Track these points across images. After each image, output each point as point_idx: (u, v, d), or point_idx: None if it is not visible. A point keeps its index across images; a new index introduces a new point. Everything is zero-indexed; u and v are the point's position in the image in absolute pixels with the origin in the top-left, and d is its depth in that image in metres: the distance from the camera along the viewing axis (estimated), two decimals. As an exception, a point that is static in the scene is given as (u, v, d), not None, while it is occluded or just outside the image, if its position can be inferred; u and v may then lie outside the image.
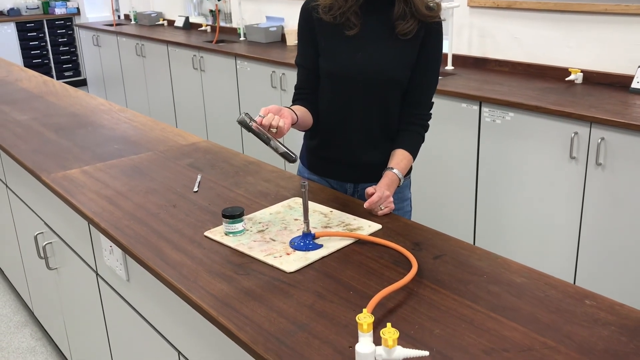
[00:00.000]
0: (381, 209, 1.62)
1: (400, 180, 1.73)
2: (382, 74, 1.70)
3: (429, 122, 1.81)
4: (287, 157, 1.51)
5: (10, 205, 2.69)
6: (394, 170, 1.72)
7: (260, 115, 1.51)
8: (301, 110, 1.75)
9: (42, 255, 2.26)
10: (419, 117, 1.78)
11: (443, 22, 1.75)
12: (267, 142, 1.50)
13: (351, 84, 1.73)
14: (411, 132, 1.78)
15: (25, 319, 3.01)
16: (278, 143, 1.51)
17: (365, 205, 1.59)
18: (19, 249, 2.76)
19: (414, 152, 1.79)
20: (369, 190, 1.62)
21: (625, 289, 2.66)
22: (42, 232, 2.28)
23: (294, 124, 1.65)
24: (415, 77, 1.74)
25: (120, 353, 1.88)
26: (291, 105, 1.79)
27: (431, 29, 1.71)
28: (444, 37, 1.77)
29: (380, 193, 1.60)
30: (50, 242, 2.22)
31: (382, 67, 1.70)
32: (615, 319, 1.14)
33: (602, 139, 2.58)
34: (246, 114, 1.48)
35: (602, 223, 2.68)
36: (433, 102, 1.80)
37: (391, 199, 1.64)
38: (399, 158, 1.74)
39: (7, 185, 2.64)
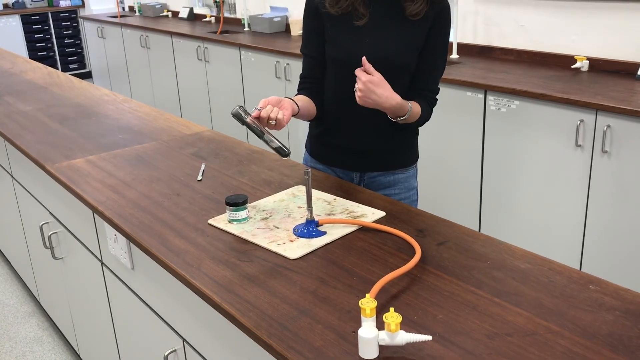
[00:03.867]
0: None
1: (406, 113, 1.65)
2: (390, 60, 1.68)
3: (435, 102, 1.78)
4: (281, 151, 1.51)
5: (15, 196, 2.70)
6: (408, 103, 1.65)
7: (257, 108, 1.49)
8: (303, 100, 1.74)
9: (47, 245, 2.27)
10: (424, 96, 1.74)
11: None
12: (260, 135, 1.49)
13: None
14: (418, 100, 1.73)
15: (32, 309, 3.03)
16: (272, 137, 1.50)
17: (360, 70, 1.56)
18: (25, 239, 2.77)
19: (423, 112, 1.71)
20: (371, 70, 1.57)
21: (631, 277, 2.65)
22: (47, 222, 2.29)
23: (295, 115, 1.64)
24: (422, 61, 1.72)
25: (126, 341, 1.89)
26: (295, 95, 1.78)
27: (440, 12, 1.68)
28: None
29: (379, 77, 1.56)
30: (56, 232, 2.23)
31: (390, 53, 1.68)
32: (620, 303, 1.13)
33: (608, 126, 2.57)
34: (240, 106, 1.47)
35: (608, 211, 2.66)
36: (439, 88, 1.79)
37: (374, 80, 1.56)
38: (413, 103, 1.68)
39: (12, 176, 2.65)
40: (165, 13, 6.59)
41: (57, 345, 2.74)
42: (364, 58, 1.56)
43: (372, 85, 1.55)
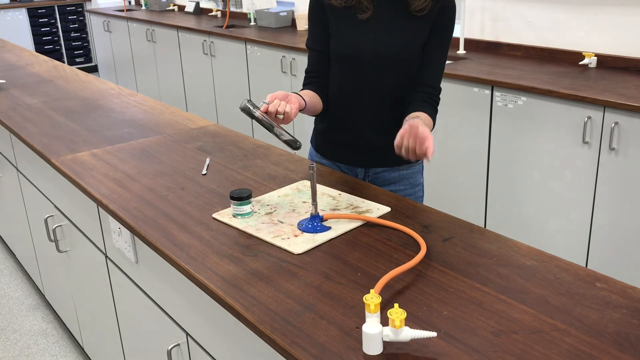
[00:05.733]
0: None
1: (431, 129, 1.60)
2: (394, 56, 1.67)
3: (438, 100, 1.74)
4: (291, 144, 1.50)
5: (21, 189, 2.70)
6: (422, 118, 1.57)
7: (265, 102, 1.49)
8: (310, 95, 1.73)
9: (52, 238, 2.27)
10: (427, 95, 1.71)
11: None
12: (270, 129, 1.48)
13: (362, 65, 1.70)
14: (424, 103, 1.68)
15: (37, 301, 3.04)
16: (282, 130, 1.49)
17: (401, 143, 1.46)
18: (29, 232, 2.78)
19: (433, 120, 1.67)
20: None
21: (637, 275, 2.64)
22: (52, 215, 2.29)
23: (302, 110, 1.63)
24: (424, 56, 1.70)
25: (129, 334, 1.89)
26: (301, 90, 1.77)
27: (445, 7, 1.67)
28: (455, 20, 1.73)
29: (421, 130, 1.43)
30: (60, 225, 2.23)
31: (394, 48, 1.67)
32: (627, 302, 1.12)
33: (616, 123, 2.55)
34: (249, 100, 1.47)
35: (615, 208, 2.65)
36: (441, 88, 1.76)
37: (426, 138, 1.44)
38: (424, 117, 1.61)
39: (17, 169, 2.66)
40: (171, 7, 6.59)
41: (61, 338, 2.74)
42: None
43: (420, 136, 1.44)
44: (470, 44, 3.71)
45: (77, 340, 2.56)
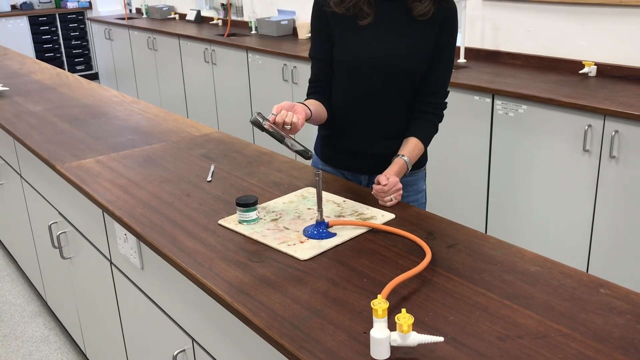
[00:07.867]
0: (391, 200, 1.61)
1: (408, 169, 1.72)
2: (398, 63, 1.69)
3: (443, 112, 1.79)
4: (303, 154, 1.51)
5: (24, 195, 2.71)
6: (405, 158, 1.71)
7: (273, 114, 1.50)
8: (315, 105, 1.74)
9: (56, 244, 2.28)
10: (433, 107, 1.77)
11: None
12: (281, 140, 1.49)
13: (366, 74, 1.72)
14: (425, 121, 1.77)
15: (39, 308, 3.04)
16: (293, 141, 1.51)
17: (374, 192, 1.59)
18: (32, 238, 2.78)
19: (426, 142, 1.78)
20: (381, 179, 1.61)
21: (638, 282, 2.65)
22: (56, 222, 2.30)
23: (308, 119, 1.65)
24: (430, 65, 1.73)
25: (134, 341, 1.90)
26: (305, 99, 1.78)
27: (448, 14, 1.69)
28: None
29: (394, 180, 1.59)
30: (65, 232, 2.24)
31: (398, 56, 1.68)
32: (631, 307, 1.13)
33: (616, 131, 2.57)
34: (258, 113, 1.48)
35: (615, 216, 2.66)
36: (449, 91, 1.79)
37: (401, 190, 1.64)
38: (411, 147, 1.74)
39: (21, 176, 2.67)
40: (172, 15, 6.62)
41: (63, 345, 2.74)
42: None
43: (393, 186, 1.60)
44: (471, 53, 3.74)
45: (80, 346, 2.57)
